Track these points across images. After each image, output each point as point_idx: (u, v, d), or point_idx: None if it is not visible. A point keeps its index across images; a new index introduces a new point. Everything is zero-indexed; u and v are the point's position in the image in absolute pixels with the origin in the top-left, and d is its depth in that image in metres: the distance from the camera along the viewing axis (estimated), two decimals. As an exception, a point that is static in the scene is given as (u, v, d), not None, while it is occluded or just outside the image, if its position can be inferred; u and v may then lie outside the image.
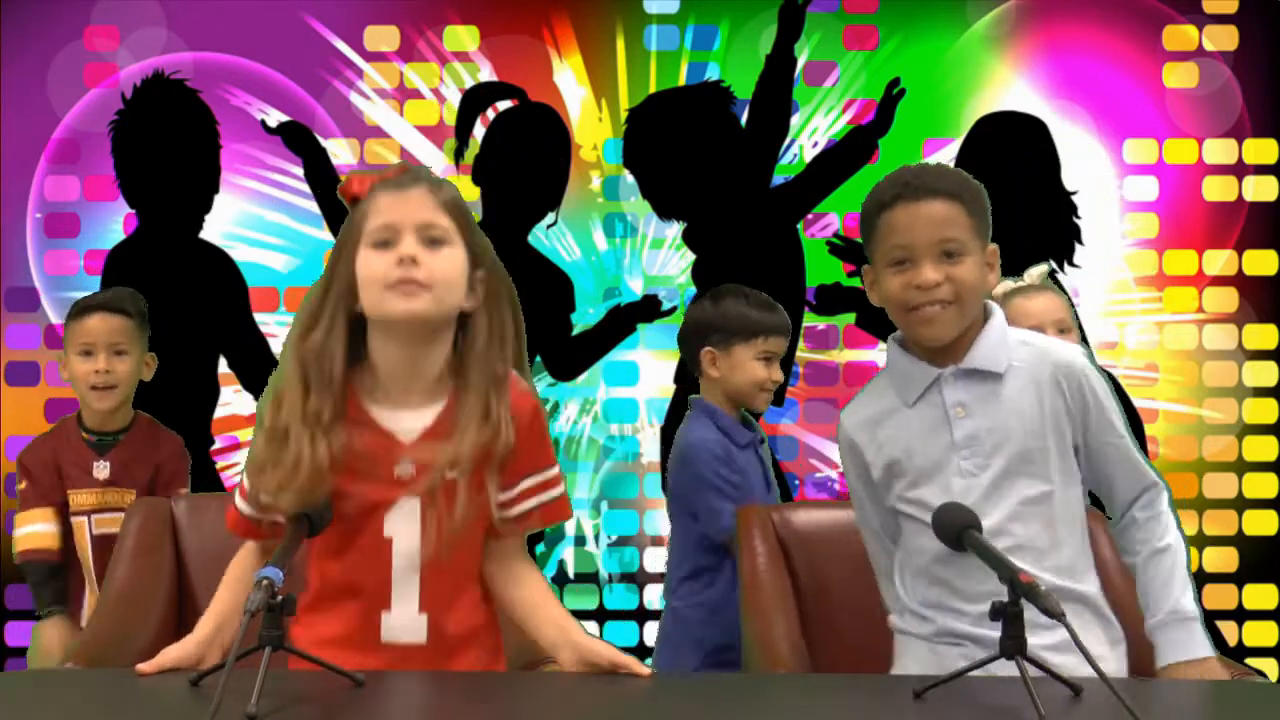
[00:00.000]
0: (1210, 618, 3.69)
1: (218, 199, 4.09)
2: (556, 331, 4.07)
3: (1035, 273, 2.78)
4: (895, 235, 1.84)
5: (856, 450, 1.95)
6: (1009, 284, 2.80)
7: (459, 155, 4.06)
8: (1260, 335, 4.06)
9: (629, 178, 4.11)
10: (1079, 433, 1.87)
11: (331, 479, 1.65)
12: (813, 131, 4.12)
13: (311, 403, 1.66)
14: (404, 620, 1.70)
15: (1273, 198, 4.09)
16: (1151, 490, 1.89)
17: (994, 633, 1.47)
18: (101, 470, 2.93)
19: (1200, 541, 3.98)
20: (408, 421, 1.70)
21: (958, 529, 1.60)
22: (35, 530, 2.92)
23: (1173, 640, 1.83)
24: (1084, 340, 2.77)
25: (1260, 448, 4.04)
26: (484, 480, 1.69)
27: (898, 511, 1.93)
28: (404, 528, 1.69)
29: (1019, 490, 1.84)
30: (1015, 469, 1.84)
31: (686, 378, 4.04)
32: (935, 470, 1.86)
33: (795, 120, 4.10)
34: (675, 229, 4.11)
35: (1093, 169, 4.07)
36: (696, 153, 4.09)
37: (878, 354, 4.06)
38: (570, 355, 4.08)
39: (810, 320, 4.07)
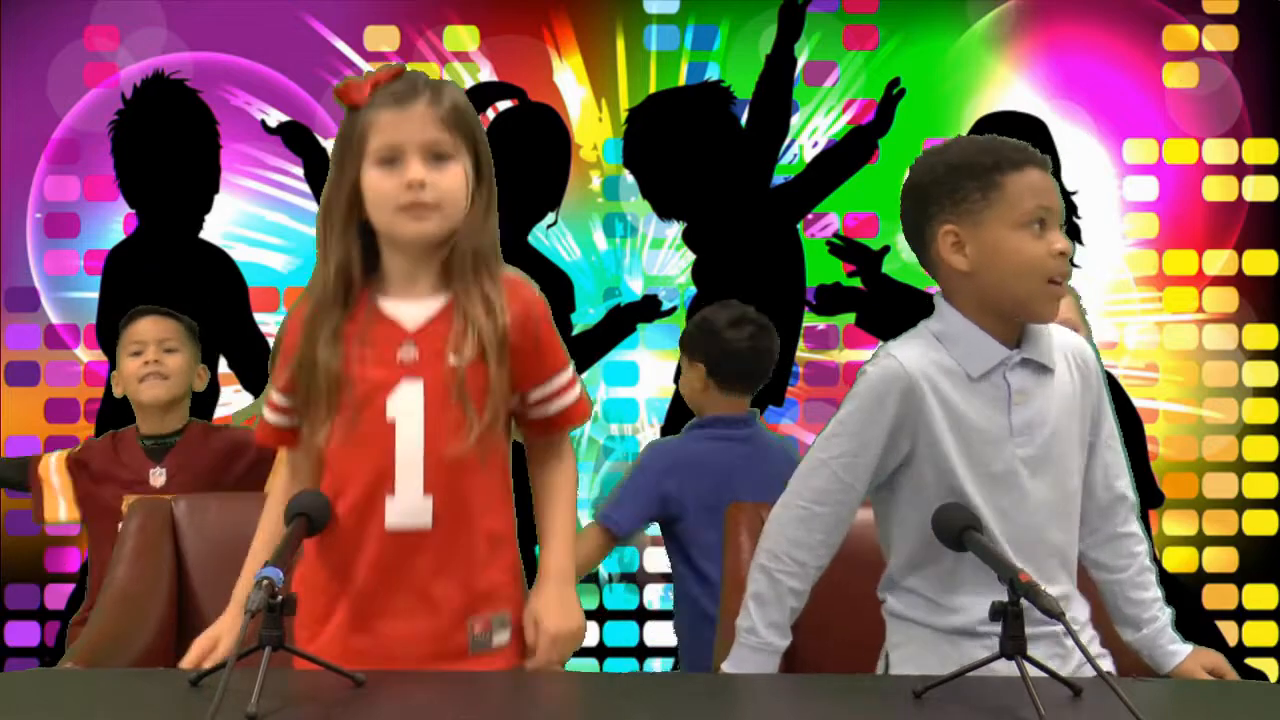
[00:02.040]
0: (1210, 618, 3.74)
1: (218, 199, 4.09)
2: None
3: None
4: (1039, 196, 1.78)
5: (913, 394, 1.79)
6: None
7: (459, 155, 4.06)
8: (1260, 335, 4.06)
9: (629, 178, 4.11)
10: (1090, 427, 1.87)
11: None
12: (813, 131, 4.12)
13: (332, 319, 1.71)
14: (408, 504, 1.70)
15: (1273, 198, 4.09)
16: (1130, 505, 1.90)
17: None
18: (158, 477, 2.90)
19: (1200, 541, 3.98)
20: (413, 310, 1.73)
21: (958, 529, 1.59)
22: (50, 455, 3.00)
23: (1174, 644, 1.86)
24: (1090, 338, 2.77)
25: (1260, 448, 4.04)
26: (491, 370, 1.70)
27: (905, 483, 1.85)
28: (407, 411, 1.70)
29: (1058, 479, 1.83)
30: (1056, 464, 1.82)
31: (686, 378, 4.05)
32: (988, 453, 1.80)
33: (795, 120, 4.10)
34: (675, 229, 4.11)
35: (1093, 169, 4.07)
36: (696, 153, 4.09)
37: (878, 354, 4.05)
38: (570, 355, 4.08)
39: (810, 320, 4.07)
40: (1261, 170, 4.08)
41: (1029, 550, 1.79)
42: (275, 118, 4.07)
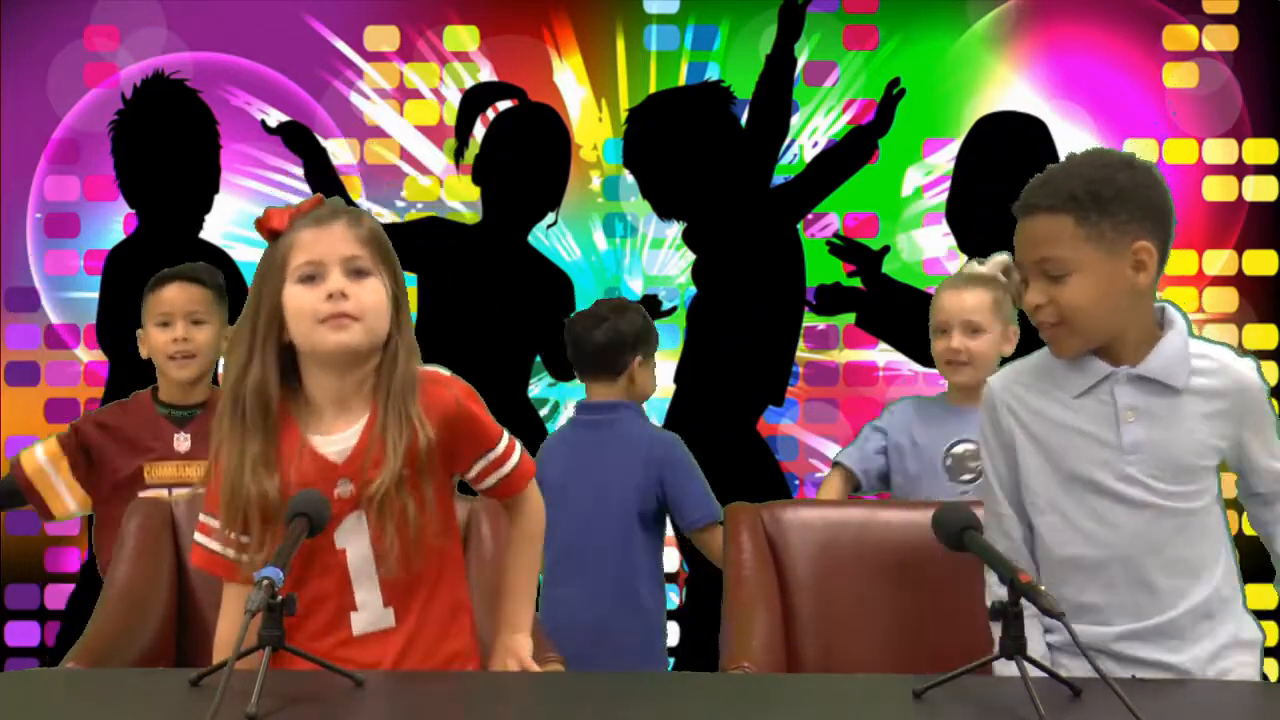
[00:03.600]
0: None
1: (218, 199, 4.09)
2: (556, 332, 4.07)
3: (995, 261, 2.74)
4: (1016, 250, 1.83)
5: (1004, 411, 1.87)
6: (974, 265, 2.79)
7: (459, 155, 4.06)
8: (1260, 335, 4.06)
9: (629, 178, 4.11)
10: (1239, 447, 1.86)
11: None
12: (813, 131, 4.12)
13: (255, 444, 1.74)
14: (371, 614, 1.78)
15: (1273, 198, 4.09)
16: None
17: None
18: (182, 442, 2.85)
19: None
20: (338, 444, 1.77)
21: (958, 529, 1.59)
22: (36, 452, 2.84)
23: None
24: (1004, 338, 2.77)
25: (1260, 448, 4.04)
26: (421, 484, 1.76)
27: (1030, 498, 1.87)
28: (354, 540, 1.77)
29: (1177, 502, 1.82)
30: (1176, 484, 1.81)
31: (686, 378, 4.05)
32: (1092, 470, 1.81)
33: (795, 120, 4.10)
34: (675, 229, 4.11)
35: (1093, 169, 4.07)
36: (696, 153, 4.09)
37: (878, 354, 4.06)
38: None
39: (810, 320, 4.07)
40: (1261, 170, 4.08)
41: (1145, 572, 1.81)
42: (275, 118, 4.07)
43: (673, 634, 3.78)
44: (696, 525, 2.93)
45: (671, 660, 3.84)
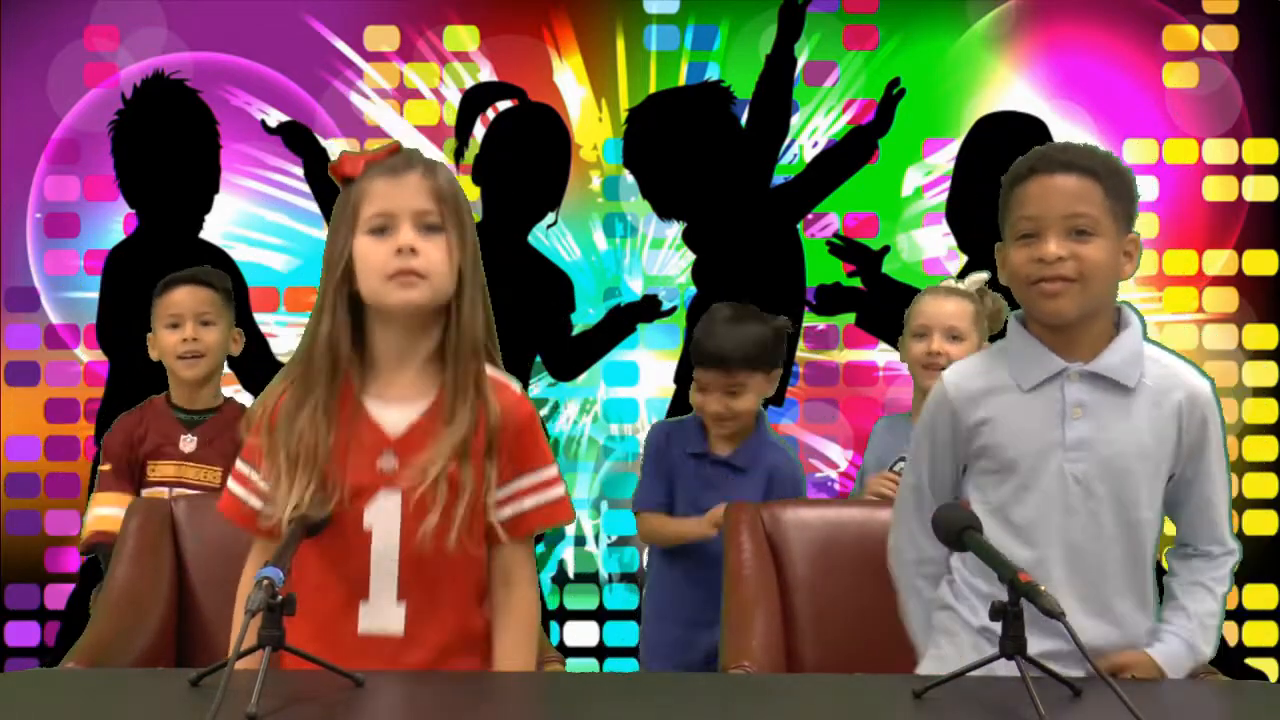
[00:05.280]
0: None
1: (218, 199, 4.09)
2: (556, 332, 4.07)
3: (973, 279, 2.81)
4: (1025, 207, 1.80)
5: (949, 407, 1.87)
6: (951, 281, 2.85)
7: (459, 155, 4.06)
8: (1260, 335, 4.06)
9: (629, 178, 4.11)
10: (1179, 464, 1.83)
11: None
12: (813, 131, 4.12)
13: (320, 393, 1.69)
14: (381, 610, 1.70)
15: (1273, 198, 4.09)
16: (1221, 553, 1.87)
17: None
18: (188, 443, 2.89)
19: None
20: (395, 415, 1.71)
21: (958, 529, 1.60)
22: (109, 514, 2.84)
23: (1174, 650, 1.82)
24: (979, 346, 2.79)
25: (1260, 448, 4.04)
26: (468, 477, 1.68)
27: (971, 497, 1.88)
28: (383, 521, 1.70)
29: (1115, 505, 1.80)
30: (1117, 486, 1.80)
31: (686, 377, 4.05)
32: (1034, 465, 1.81)
33: (795, 120, 4.10)
34: (675, 229, 4.11)
35: (1093, 169, 4.07)
36: (696, 153, 4.09)
37: (878, 354, 4.06)
38: (570, 355, 4.09)
39: (810, 320, 4.07)
40: (1261, 170, 4.08)
41: (1089, 571, 1.79)
42: (275, 118, 4.07)
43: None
44: None
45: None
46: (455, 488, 1.68)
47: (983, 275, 2.80)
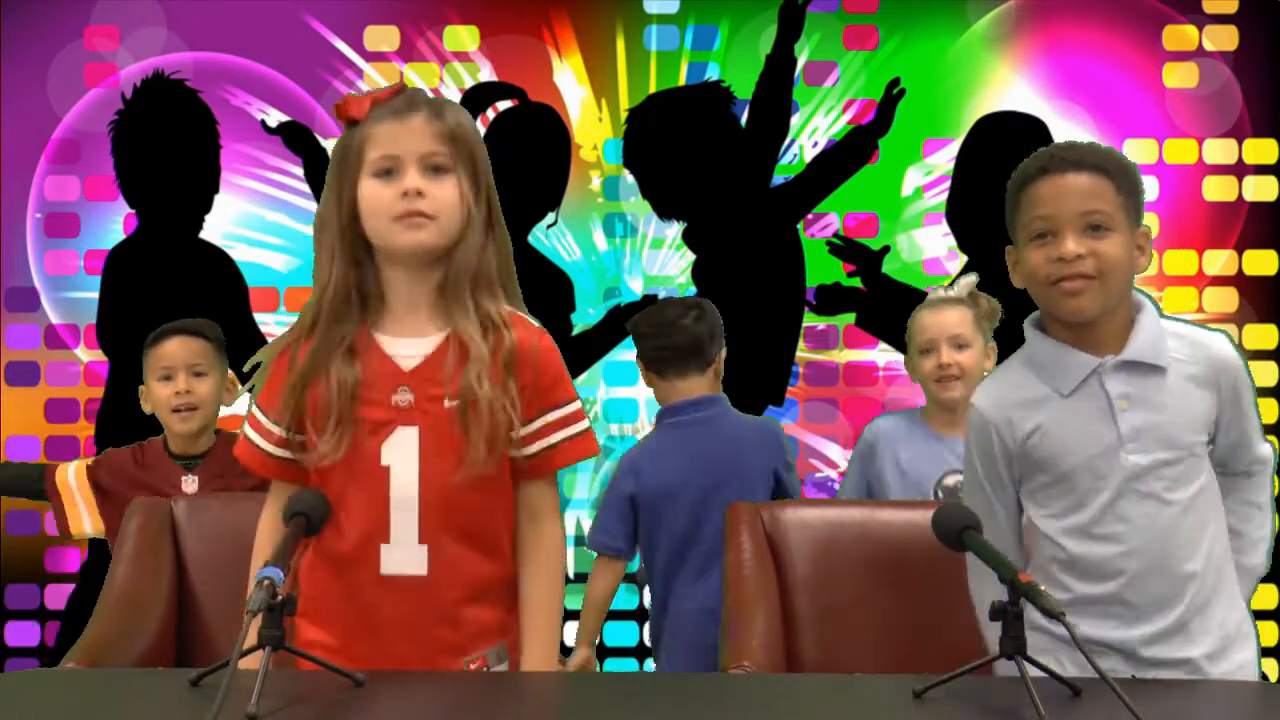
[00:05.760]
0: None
1: (218, 199, 4.09)
2: (556, 331, 4.06)
3: (962, 284, 2.83)
4: (1038, 207, 1.81)
5: (993, 433, 1.88)
6: (941, 291, 2.86)
7: (459, 155, 4.05)
8: (1260, 335, 4.06)
9: (629, 178, 4.11)
10: (1223, 419, 1.88)
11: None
12: (813, 131, 4.12)
13: (344, 331, 1.69)
14: (403, 551, 1.68)
15: (1273, 198, 4.09)
16: (1259, 470, 1.93)
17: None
18: (190, 484, 2.89)
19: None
20: (408, 349, 1.71)
21: (958, 529, 1.59)
22: (67, 466, 2.93)
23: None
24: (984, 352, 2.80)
25: (1260, 448, 4.04)
26: (485, 405, 1.66)
27: (1029, 513, 1.89)
28: (401, 457, 1.68)
29: (1181, 487, 1.83)
30: (1179, 465, 1.82)
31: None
32: (1097, 465, 1.81)
33: (795, 120, 4.10)
34: (675, 229, 4.11)
35: (1093, 169, 4.07)
36: (696, 153, 4.09)
37: (878, 354, 4.06)
38: (570, 355, 4.08)
39: (810, 320, 4.07)
40: (1261, 170, 4.08)
41: (1161, 561, 1.81)
42: (275, 118, 4.07)
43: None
44: None
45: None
46: (473, 417, 1.66)
47: (971, 278, 2.82)
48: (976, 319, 2.77)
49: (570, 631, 2.76)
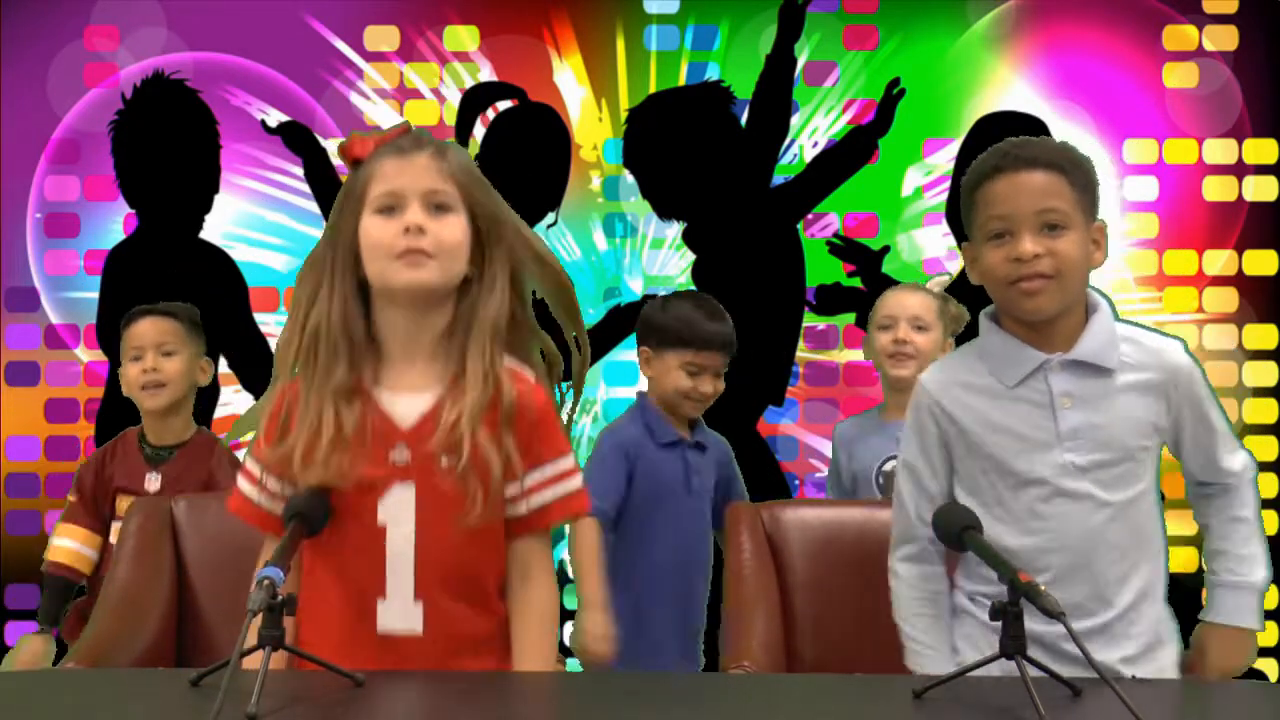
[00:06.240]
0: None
1: (218, 199, 4.09)
2: (556, 331, 4.07)
3: (935, 281, 2.89)
4: (993, 206, 1.80)
5: (937, 411, 1.87)
6: (917, 285, 2.92)
7: (459, 155, 4.06)
8: (1260, 335, 4.06)
9: (629, 178, 4.11)
10: (1173, 429, 1.85)
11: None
12: (813, 131, 4.12)
13: (339, 372, 1.66)
14: (399, 608, 1.67)
15: (1273, 198, 4.09)
16: (1235, 481, 1.89)
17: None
18: (153, 482, 2.91)
19: (1201, 541, 3.97)
20: (406, 405, 1.68)
21: (958, 528, 1.59)
22: (69, 546, 2.92)
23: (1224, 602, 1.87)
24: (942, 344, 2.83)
25: (1260, 448, 4.04)
26: (481, 458, 1.64)
27: (960, 496, 1.88)
28: (397, 515, 1.66)
29: (1117, 490, 1.81)
30: (1117, 468, 1.81)
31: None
32: (1032, 459, 1.81)
33: (795, 120, 4.10)
34: (675, 229, 4.11)
35: (1093, 169, 4.07)
36: (696, 153, 4.09)
37: (878, 354, 4.06)
38: (570, 355, 4.08)
39: (810, 320, 4.07)
40: (1261, 170, 4.08)
41: (1089, 562, 1.80)
42: (275, 118, 4.07)
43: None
44: None
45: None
46: (471, 474, 1.64)
47: (945, 278, 2.85)
48: (941, 309, 2.82)
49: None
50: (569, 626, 2.85)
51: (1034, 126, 4.01)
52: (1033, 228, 1.78)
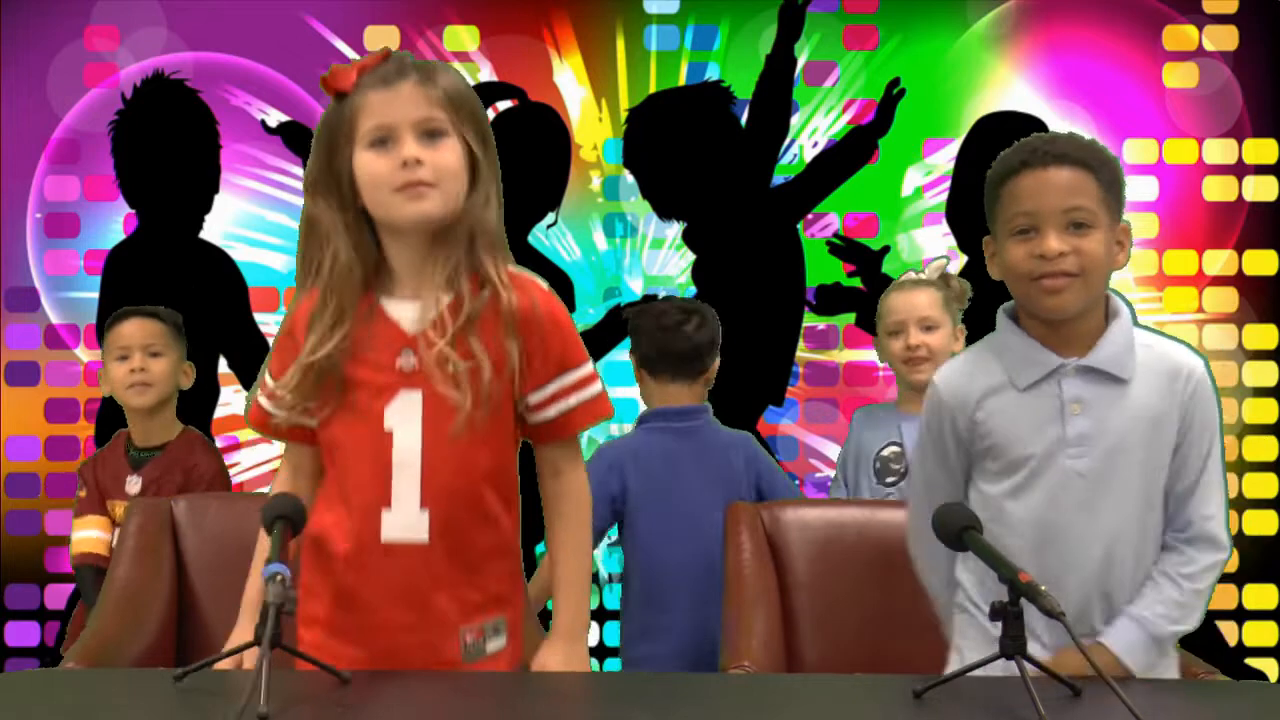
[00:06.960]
0: (1210, 618, 3.72)
1: (218, 199, 4.09)
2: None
3: (933, 266, 2.86)
4: (1019, 203, 1.78)
5: (947, 411, 1.86)
6: (912, 274, 2.89)
7: (459, 155, 4.06)
8: (1260, 335, 4.06)
9: (629, 178, 4.11)
10: (1176, 448, 1.79)
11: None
12: (813, 131, 4.12)
13: (346, 300, 1.67)
14: (404, 517, 1.66)
15: (1273, 198, 4.09)
16: (1197, 552, 1.78)
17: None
18: (133, 485, 2.95)
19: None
20: (414, 311, 1.68)
21: (958, 529, 1.59)
22: (93, 536, 2.97)
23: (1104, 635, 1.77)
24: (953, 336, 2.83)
25: (1260, 448, 4.04)
26: (486, 362, 1.65)
27: (977, 494, 1.86)
28: (404, 421, 1.66)
29: (1122, 498, 1.77)
30: (1123, 478, 1.77)
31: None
32: (1038, 462, 1.79)
33: (795, 120, 4.10)
34: (675, 229, 4.11)
35: (1093, 169, 4.07)
36: (696, 153, 4.09)
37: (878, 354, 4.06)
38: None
39: (810, 320, 4.07)
40: (1261, 170, 4.08)
41: (1089, 571, 1.77)
42: (275, 118, 4.07)
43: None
44: None
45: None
46: (476, 375, 1.64)
47: (941, 261, 2.84)
48: (945, 301, 2.80)
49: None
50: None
51: (1034, 126, 4.01)
52: (1058, 225, 1.76)
